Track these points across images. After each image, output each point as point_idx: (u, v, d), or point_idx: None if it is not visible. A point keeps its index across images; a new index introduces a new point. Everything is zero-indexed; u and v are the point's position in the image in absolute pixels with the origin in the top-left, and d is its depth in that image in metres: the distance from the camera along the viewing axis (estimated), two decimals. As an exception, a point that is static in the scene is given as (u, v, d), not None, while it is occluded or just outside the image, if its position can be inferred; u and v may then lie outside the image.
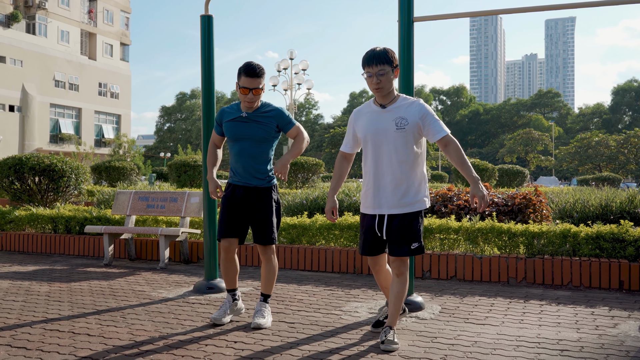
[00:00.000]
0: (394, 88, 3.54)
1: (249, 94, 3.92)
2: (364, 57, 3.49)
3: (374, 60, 3.43)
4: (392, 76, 3.47)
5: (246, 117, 4.00)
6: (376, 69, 3.43)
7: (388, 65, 3.44)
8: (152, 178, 24.56)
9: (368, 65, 3.46)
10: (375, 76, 3.43)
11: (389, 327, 3.52)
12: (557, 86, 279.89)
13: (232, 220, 4.03)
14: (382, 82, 3.44)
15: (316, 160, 18.20)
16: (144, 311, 4.41)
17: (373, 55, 3.45)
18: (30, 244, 7.86)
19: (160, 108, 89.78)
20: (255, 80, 3.90)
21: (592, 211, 6.53)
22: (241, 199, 4.02)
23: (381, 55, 3.44)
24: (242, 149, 4.00)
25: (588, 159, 62.04)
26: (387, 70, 3.44)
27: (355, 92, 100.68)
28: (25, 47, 44.52)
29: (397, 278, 3.54)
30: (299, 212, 7.65)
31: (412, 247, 3.49)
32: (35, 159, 9.12)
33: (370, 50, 3.51)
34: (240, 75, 3.92)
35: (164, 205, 7.03)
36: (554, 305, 4.59)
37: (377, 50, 3.47)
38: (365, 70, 3.49)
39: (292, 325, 3.98)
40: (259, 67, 3.93)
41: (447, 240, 6.15)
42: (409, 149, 3.46)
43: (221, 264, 4.13)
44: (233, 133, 4.01)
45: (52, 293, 5.10)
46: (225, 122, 4.06)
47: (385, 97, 3.51)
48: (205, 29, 5.22)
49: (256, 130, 3.98)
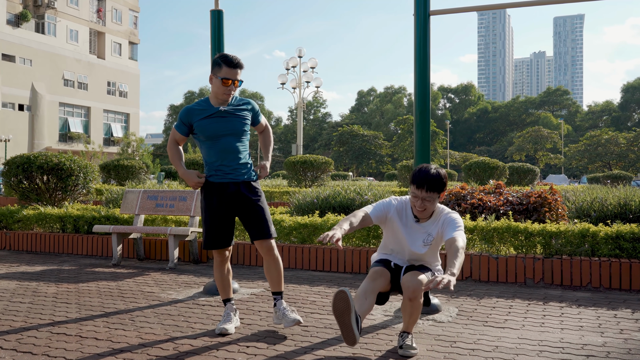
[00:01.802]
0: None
1: (230, 85, 3.76)
2: (417, 175, 3.33)
3: (426, 185, 3.29)
4: (438, 200, 3.40)
5: (225, 111, 3.82)
6: (425, 195, 3.31)
7: (437, 193, 3.33)
8: (161, 177, 24.52)
9: (418, 187, 3.31)
10: (422, 200, 3.34)
11: (406, 332, 3.39)
12: (565, 84, 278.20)
13: (221, 227, 3.84)
14: (427, 209, 3.38)
15: (325, 159, 18.08)
16: (153, 314, 4.30)
17: (426, 179, 3.29)
18: (39, 244, 7.79)
19: (169, 107, 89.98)
20: (236, 72, 3.76)
21: (611, 210, 6.36)
22: (228, 197, 3.82)
23: (435, 183, 3.30)
24: (225, 146, 3.80)
25: (598, 156, 61.57)
26: (435, 198, 3.35)
27: (364, 90, 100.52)
28: (34, 46, 44.67)
29: (409, 302, 3.32)
30: (310, 211, 7.53)
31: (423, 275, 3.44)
32: (44, 158, 9.05)
33: (424, 170, 3.34)
34: (220, 67, 3.75)
35: (173, 204, 6.93)
36: (575, 308, 4.44)
37: (431, 175, 3.30)
38: (412, 188, 3.36)
39: (305, 329, 3.86)
40: (237, 58, 3.80)
41: (461, 240, 6.00)
42: (433, 257, 3.64)
43: (216, 273, 3.95)
44: (213, 130, 3.79)
45: (59, 294, 5.00)
46: (200, 121, 3.81)
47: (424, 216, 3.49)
48: (216, 23, 5.11)
49: (236, 124, 3.83)
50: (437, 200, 3.37)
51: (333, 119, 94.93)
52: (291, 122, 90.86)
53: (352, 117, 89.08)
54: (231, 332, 3.75)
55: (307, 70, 27.41)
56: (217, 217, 3.83)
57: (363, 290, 3.39)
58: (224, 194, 3.82)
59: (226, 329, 3.73)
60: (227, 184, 3.83)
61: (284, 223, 6.64)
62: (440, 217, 3.50)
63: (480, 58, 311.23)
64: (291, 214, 7.81)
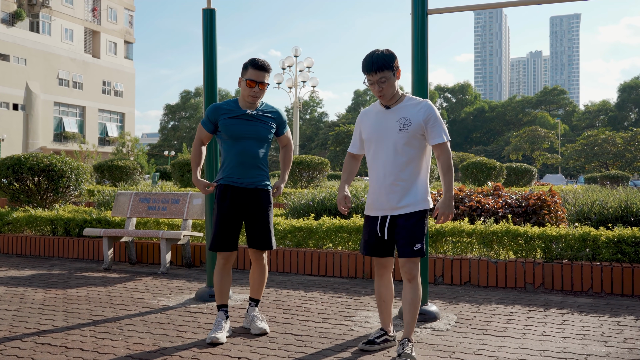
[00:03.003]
0: (397, 90, 3.38)
1: (255, 87, 3.77)
2: (363, 64, 3.32)
3: (373, 67, 3.26)
4: (394, 80, 3.32)
5: (251, 115, 3.83)
6: (377, 77, 3.27)
7: (388, 70, 3.28)
8: (156, 177, 24.33)
9: (368, 73, 3.30)
10: (377, 84, 3.29)
11: (407, 339, 3.28)
12: (562, 83, 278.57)
13: (230, 230, 3.82)
14: (384, 90, 3.31)
15: (322, 159, 17.95)
16: (142, 322, 4.17)
17: (371, 62, 3.27)
18: (28, 247, 7.64)
19: (165, 106, 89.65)
20: (262, 74, 3.79)
21: (612, 213, 6.25)
22: (240, 200, 3.81)
23: (380, 62, 3.26)
24: (244, 149, 3.80)
25: (595, 156, 61.54)
26: (388, 76, 3.28)
27: (360, 90, 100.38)
28: (29, 45, 44.38)
29: (408, 283, 3.36)
30: (305, 213, 7.40)
31: (414, 248, 3.31)
32: (34, 159, 8.90)
33: (368, 56, 3.32)
34: (247, 69, 3.79)
35: (165, 207, 6.79)
36: (577, 315, 4.33)
37: (375, 56, 3.28)
38: (366, 78, 3.34)
39: (299, 338, 3.73)
40: (267, 62, 3.83)
41: (460, 244, 5.89)
42: (412, 150, 3.34)
43: (217, 276, 3.86)
44: (235, 131, 3.79)
45: (47, 301, 4.86)
46: (225, 119, 3.82)
47: (389, 100, 3.38)
48: (208, 22, 4.97)
49: (260, 129, 3.86)
50: (393, 79, 3.30)
51: (329, 119, 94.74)
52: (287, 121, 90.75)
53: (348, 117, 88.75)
54: (223, 341, 3.62)
55: (303, 70, 27.26)
56: (227, 219, 3.81)
57: (378, 295, 3.54)
58: (236, 197, 3.81)
59: (217, 338, 3.60)
60: (240, 189, 3.82)
61: (278, 226, 6.50)
62: (414, 101, 3.37)
63: (477, 57, 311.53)
64: (286, 216, 7.67)
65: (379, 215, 3.40)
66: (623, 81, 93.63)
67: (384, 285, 3.52)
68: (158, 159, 73.55)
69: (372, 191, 3.43)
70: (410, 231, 3.30)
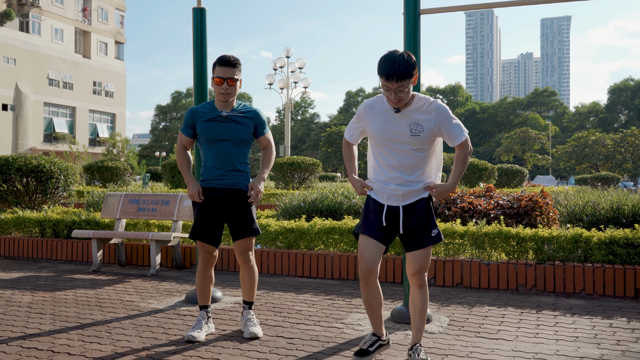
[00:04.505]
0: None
1: (223, 84, 3.66)
2: (382, 68, 2.98)
3: (394, 76, 2.94)
4: (412, 86, 3.06)
5: (226, 116, 3.74)
6: (396, 85, 2.97)
7: (409, 79, 2.98)
8: (146, 178, 24.20)
9: (386, 80, 2.98)
10: (395, 92, 2.99)
11: (418, 344, 3.21)
12: (552, 85, 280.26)
13: (210, 222, 3.77)
14: (402, 98, 3.04)
15: (313, 160, 17.91)
16: (131, 325, 4.11)
17: (393, 70, 2.94)
18: (16, 249, 7.54)
19: (156, 107, 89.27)
20: (229, 70, 3.66)
21: (603, 214, 6.24)
22: (220, 201, 3.76)
23: (402, 71, 2.94)
24: (221, 150, 3.73)
25: (585, 157, 61.89)
26: (407, 84, 2.99)
27: (352, 91, 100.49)
28: (18, 45, 44.03)
29: (419, 290, 3.20)
30: (296, 215, 7.35)
31: (432, 234, 3.18)
32: (23, 160, 8.80)
33: (388, 60, 2.97)
34: (214, 68, 3.69)
35: (155, 208, 6.72)
36: (569, 316, 4.31)
37: (397, 63, 2.95)
38: (382, 83, 3.04)
39: (290, 341, 3.68)
40: (233, 57, 3.70)
41: (452, 245, 5.86)
42: (422, 153, 3.16)
43: (198, 276, 3.85)
44: (212, 133, 3.72)
45: (34, 304, 4.78)
46: (202, 123, 3.75)
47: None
48: (198, 21, 4.92)
49: (237, 130, 3.75)
50: (411, 86, 3.03)
51: (321, 120, 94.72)
52: (279, 122, 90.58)
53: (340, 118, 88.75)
54: (200, 340, 3.66)
55: (295, 71, 27.22)
56: (207, 211, 3.78)
57: (368, 303, 3.30)
58: (216, 199, 3.76)
59: (194, 337, 3.65)
60: (218, 189, 3.76)
61: (270, 228, 6.45)
62: (424, 102, 3.13)
63: (468, 59, 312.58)
64: (277, 217, 7.62)
65: (385, 203, 3.20)
66: (613, 83, 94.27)
67: (372, 292, 3.25)
68: (149, 160, 73.23)
69: (380, 186, 3.21)
70: (426, 217, 3.17)
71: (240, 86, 3.78)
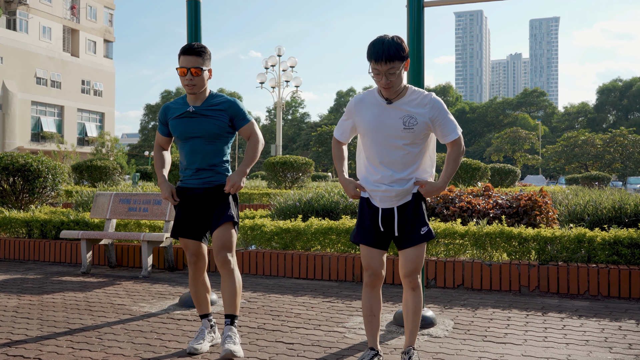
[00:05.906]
0: (403, 82, 3.01)
1: (187, 75, 3.36)
2: (371, 51, 2.87)
3: (384, 57, 2.83)
4: (403, 71, 2.92)
5: (194, 111, 3.44)
6: (386, 67, 2.84)
7: (399, 60, 2.85)
8: (136, 177, 23.93)
9: (376, 62, 2.86)
10: (385, 75, 2.86)
11: (412, 347, 3.07)
12: (541, 85, 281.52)
13: (189, 219, 3.48)
14: (392, 82, 2.90)
15: (306, 159, 17.75)
16: (123, 330, 3.92)
17: (382, 50, 2.83)
18: (3, 250, 7.31)
19: (145, 106, 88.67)
20: (193, 59, 3.37)
21: (605, 214, 6.13)
22: (196, 200, 3.47)
23: (391, 51, 2.83)
24: (193, 148, 3.44)
25: (575, 157, 62.22)
26: (398, 67, 2.86)
27: (343, 90, 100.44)
28: (5, 43, 43.46)
29: (412, 292, 3.07)
30: (292, 214, 7.19)
31: (421, 232, 3.02)
32: (9, 158, 8.56)
33: (377, 42, 2.87)
34: (178, 58, 3.41)
35: (146, 208, 6.53)
36: (576, 319, 4.18)
37: (386, 44, 2.84)
38: (371, 67, 2.90)
39: (291, 347, 3.52)
40: (198, 44, 3.43)
41: (452, 246, 5.73)
42: (415, 148, 3.01)
43: (191, 284, 3.57)
44: (181, 131, 3.45)
45: (20, 308, 4.59)
46: (172, 120, 3.50)
47: (393, 93, 2.99)
48: (192, 15, 4.74)
49: (207, 125, 3.43)
50: (402, 71, 2.90)
51: (312, 119, 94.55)
52: (269, 122, 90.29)
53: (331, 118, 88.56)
54: (203, 351, 3.39)
55: (287, 70, 27.05)
56: (183, 210, 3.50)
57: (370, 311, 3.13)
58: (191, 199, 3.48)
59: (196, 349, 3.38)
60: (192, 189, 3.48)
61: (265, 228, 6.28)
62: (419, 95, 3.00)
63: (457, 59, 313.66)
64: (272, 217, 7.46)
65: (379, 206, 3.07)
66: (602, 83, 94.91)
67: (375, 297, 3.12)
68: (138, 160, 72.67)
69: (372, 185, 3.07)
70: (415, 215, 3.03)
71: (210, 76, 3.48)
